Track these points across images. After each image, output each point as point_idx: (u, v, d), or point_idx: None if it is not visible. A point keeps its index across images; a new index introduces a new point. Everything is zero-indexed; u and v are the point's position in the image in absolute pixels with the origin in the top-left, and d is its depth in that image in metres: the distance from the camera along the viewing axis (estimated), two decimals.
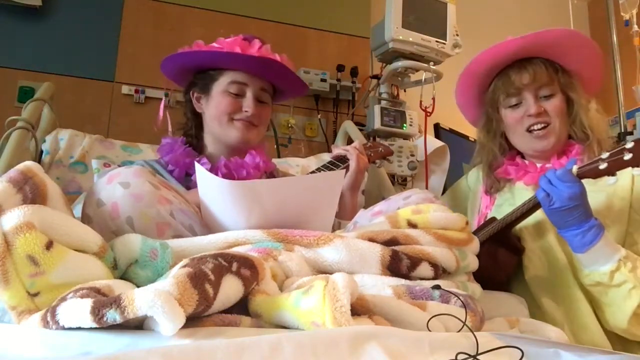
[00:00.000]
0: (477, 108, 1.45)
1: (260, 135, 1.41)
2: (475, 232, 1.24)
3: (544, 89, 1.29)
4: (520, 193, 1.30)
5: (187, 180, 1.33)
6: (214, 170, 1.31)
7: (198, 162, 1.27)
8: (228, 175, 1.32)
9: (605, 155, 1.06)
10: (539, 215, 1.21)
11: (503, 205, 1.33)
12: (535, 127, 1.29)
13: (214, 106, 1.36)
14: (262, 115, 1.37)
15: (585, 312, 1.15)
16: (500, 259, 1.22)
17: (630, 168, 1.06)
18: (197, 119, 1.42)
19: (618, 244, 1.14)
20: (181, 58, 1.38)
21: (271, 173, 1.48)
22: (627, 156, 1.02)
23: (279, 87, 1.45)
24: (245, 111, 1.33)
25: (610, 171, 1.05)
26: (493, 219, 1.28)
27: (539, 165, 1.33)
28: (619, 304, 1.10)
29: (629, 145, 1.02)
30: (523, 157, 1.38)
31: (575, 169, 1.09)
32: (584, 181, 1.09)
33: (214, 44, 1.35)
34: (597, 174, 1.07)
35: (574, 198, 1.07)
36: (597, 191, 1.21)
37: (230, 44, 1.33)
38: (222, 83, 1.35)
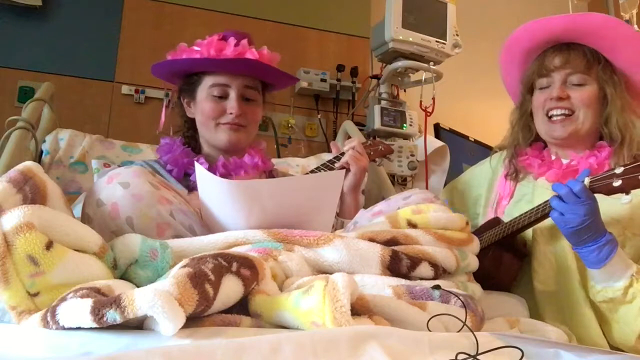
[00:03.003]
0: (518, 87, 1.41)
1: (250, 134, 1.39)
2: (478, 232, 1.23)
3: (575, 75, 1.24)
4: (540, 192, 1.26)
5: (186, 180, 1.33)
6: (211, 170, 1.30)
7: (197, 162, 1.27)
8: (226, 175, 1.31)
9: (619, 170, 1.01)
10: None
11: (521, 202, 1.29)
12: (555, 113, 1.25)
13: (200, 112, 1.36)
14: (248, 114, 1.35)
15: (591, 327, 1.12)
16: (505, 264, 1.20)
17: None
18: (192, 121, 1.42)
19: (635, 256, 1.12)
20: (162, 67, 1.38)
21: (270, 173, 1.47)
22: None
23: (265, 81, 1.43)
24: (230, 113, 1.32)
25: (624, 190, 1.01)
26: (497, 220, 1.27)
27: (564, 161, 1.28)
28: (628, 321, 1.08)
29: None
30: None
31: (587, 181, 1.05)
32: None
33: (194, 47, 1.34)
34: (609, 191, 1.02)
35: (589, 214, 1.03)
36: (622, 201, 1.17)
37: (206, 46, 1.32)
38: (205, 87, 1.34)
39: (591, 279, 1.11)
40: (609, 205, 1.08)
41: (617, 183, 1.01)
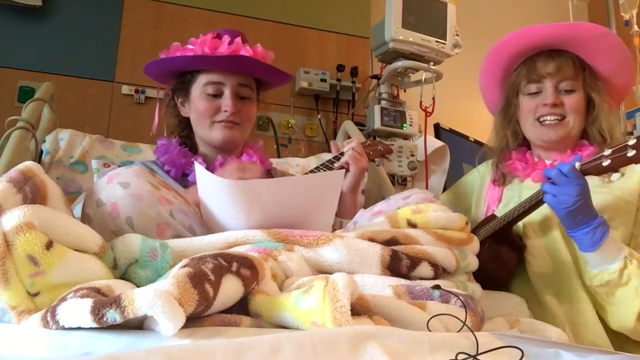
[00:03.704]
0: (498, 93, 1.44)
1: (245, 132, 1.39)
2: (475, 230, 1.24)
3: (566, 82, 1.28)
4: (527, 193, 1.27)
5: (184, 180, 1.33)
6: (209, 169, 1.29)
7: (196, 161, 1.27)
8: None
9: (608, 152, 1.06)
10: (544, 211, 1.20)
11: (510, 204, 1.31)
12: (548, 118, 1.28)
13: (194, 110, 1.36)
14: (243, 112, 1.35)
15: (587, 311, 1.15)
16: (502, 257, 1.22)
17: (639, 170, 1.04)
18: (186, 121, 1.42)
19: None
20: (156, 66, 1.38)
21: (268, 172, 1.47)
22: (631, 153, 1.02)
23: (260, 79, 1.43)
24: (225, 111, 1.32)
25: (613, 168, 1.05)
26: (493, 216, 1.28)
27: (547, 162, 1.32)
28: (626, 303, 1.09)
29: (632, 142, 1.02)
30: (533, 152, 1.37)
31: (578, 165, 1.08)
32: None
33: (188, 45, 1.34)
34: (600, 171, 1.07)
35: (581, 194, 1.06)
36: (605, 192, 1.20)
37: (200, 44, 1.32)
38: (199, 85, 1.34)
39: (586, 264, 1.13)
40: (594, 197, 1.10)
41: (606, 162, 1.05)
